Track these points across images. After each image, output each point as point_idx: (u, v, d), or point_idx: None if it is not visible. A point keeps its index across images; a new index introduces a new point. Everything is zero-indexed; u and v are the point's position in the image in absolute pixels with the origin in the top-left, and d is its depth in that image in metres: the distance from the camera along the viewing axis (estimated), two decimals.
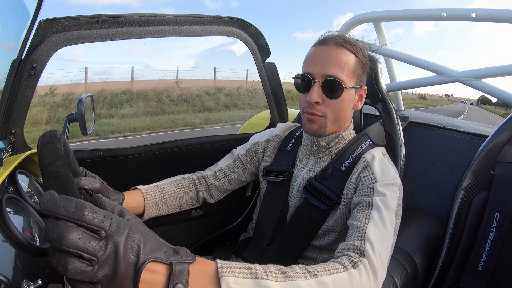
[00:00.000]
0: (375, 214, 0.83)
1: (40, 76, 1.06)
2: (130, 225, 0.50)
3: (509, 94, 1.54)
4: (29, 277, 0.68)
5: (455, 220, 1.23)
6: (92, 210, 0.46)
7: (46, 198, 0.45)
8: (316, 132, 1.01)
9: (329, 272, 0.67)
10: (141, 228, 0.52)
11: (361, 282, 0.69)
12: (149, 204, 1.06)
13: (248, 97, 14.31)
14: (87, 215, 0.45)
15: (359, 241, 0.77)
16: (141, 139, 8.05)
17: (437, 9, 1.64)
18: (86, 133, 1.13)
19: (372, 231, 0.79)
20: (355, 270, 0.70)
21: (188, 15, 1.30)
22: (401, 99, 2.16)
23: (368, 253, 0.74)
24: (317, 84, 0.96)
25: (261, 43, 1.51)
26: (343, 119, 1.02)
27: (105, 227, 0.47)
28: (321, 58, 0.97)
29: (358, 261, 0.72)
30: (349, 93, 0.98)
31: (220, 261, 0.58)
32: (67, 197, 0.46)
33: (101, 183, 0.92)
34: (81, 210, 0.45)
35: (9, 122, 1.05)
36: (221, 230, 1.58)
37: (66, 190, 0.60)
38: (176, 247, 0.55)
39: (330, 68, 0.94)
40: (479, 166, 1.24)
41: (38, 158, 0.69)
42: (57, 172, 0.64)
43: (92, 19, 1.12)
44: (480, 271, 1.21)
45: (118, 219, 0.49)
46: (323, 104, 0.97)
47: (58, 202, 0.45)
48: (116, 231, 0.48)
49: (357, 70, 0.98)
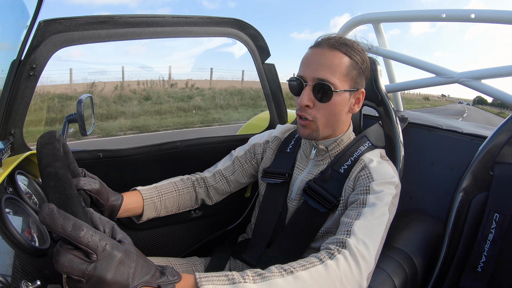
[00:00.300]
0: (367, 210, 0.84)
1: (40, 76, 1.06)
2: (124, 250, 0.53)
3: (508, 94, 1.55)
4: (28, 277, 0.68)
5: (454, 220, 1.23)
6: (89, 233, 0.49)
7: (44, 211, 0.47)
8: (309, 136, 1.01)
9: (305, 267, 0.69)
10: (132, 251, 0.55)
11: (340, 271, 0.70)
12: (148, 205, 1.06)
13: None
14: (83, 237, 0.48)
15: (343, 235, 0.78)
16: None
17: (437, 10, 1.64)
18: (86, 134, 1.13)
19: (358, 225, 0.80)
20: (332, 261, 0.71)
21: (187, 16, 1.30)
22: (400, 100, 2.16)
23: (349, 244, 0.75)
24: (308, 88, 0.95)
25: (261, 44, 1.51)
26: (336, 123, 1.01)
27: (98, 251, 0.49)
28: (313, 61, 0.96)
29: (335, 252, 0.73)
30: (341, 96, 0.96)
31: (198, 273, 0.61)
32: (65, 215, 0.48)
33: (100, 184, 0.92)
34: (77, 230, 0.48)
35: (8, 122, 1.05)
36: (220, 231, 1.58)
37: (64, 191, 0.60)
38: (162, 266, 0.59)
39: (321, 72, 0.93)
40: (478, 167, 1.24)
41: (37, 159, 0.69)
42: (56, 173, 0.64)
43: (92, 20, 1.12)
44: (479, 272, 1.21)
45: (112, 244, 0.51)
46: (314, 108, 0.96)
47: (56, 218, 0.47)
48: (108, 256, 0.50)
49: (351, 72, 0.96)
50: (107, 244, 0.50)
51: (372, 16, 1.86)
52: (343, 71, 0.94)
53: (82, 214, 0.58)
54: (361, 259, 0.73)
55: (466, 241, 1.23)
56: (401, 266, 1.18)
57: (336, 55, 0.94)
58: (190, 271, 1.16)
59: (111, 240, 0.51)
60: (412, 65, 1.81)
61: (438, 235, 1.33)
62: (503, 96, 1.55)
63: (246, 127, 1.95)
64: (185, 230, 1.47)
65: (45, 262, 0.77)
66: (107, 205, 0.93)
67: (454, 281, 1.24)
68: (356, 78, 0.97)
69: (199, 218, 1.48)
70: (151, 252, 1.39)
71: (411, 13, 1.74)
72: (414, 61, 1.80)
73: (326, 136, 1.03)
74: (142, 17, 1.20)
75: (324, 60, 0.94)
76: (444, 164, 1.66)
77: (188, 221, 1.46)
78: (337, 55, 0.94)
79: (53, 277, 0.78)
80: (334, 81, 0.93)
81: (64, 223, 0.47)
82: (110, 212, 0.96)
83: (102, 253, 0.50)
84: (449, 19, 1.60)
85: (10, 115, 1.04)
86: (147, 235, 1.38)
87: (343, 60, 0.94)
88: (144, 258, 0.56)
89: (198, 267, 1.18)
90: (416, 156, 1.73)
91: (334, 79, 0.93)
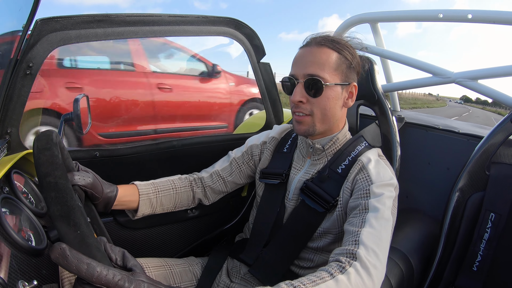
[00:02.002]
0: (371, 216, 0.84)
1: (36, 75, 1.06)
2: (135, 281, 0.55)
3: (504, 94, 1.56)
4: (25, 277, 0.68)
5: (450, 220, 1.24)
6: (102, 273, 0.51)
7: (57, 252, 0.49)
8: (305, 132, 1.01)
9: (316, 283, 0.68)
10: (143, 280, 0.57)
11: (352, 285, 0.70)
12: (144, 200, 1.06)
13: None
14: (97, 278, 0.51)
15: (352, 245, 0.78)
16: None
17: (434, 10, 1.65)
18: (82, 133, 1.12)
19: (366, 233, 0.80)
20: (343, 275, 0.71)
21: (183, 15, 1.30)
22: (397, 100, 2.17)
23: (360, 255, 0.75)
24: (299, 85, 0.97)
25: (256, 43, 1.51)
26: (332, 118, 1.01)
27: (111, 286, 0.52)
28: (302, 59, 0.98)
29: (347, 265, 0.73)
30: (333, 90, 0.97)
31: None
32: (78, 256, 0.50)
33: (94, 177, 0.93)
34: (92, 272, 0.50)
35: (4, 121, 1.05)
36: (217, 231, 1.58)
37: (66, 202, 0.60)
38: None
39: (310, 68, 0.95)
40: (474, 167, 1.25)
41: (35, 165, 0.68)
42: (56, 183, 0.63)
43: (89, 19, 1.11)
44: (475, 271, 1.21)
45: (124, 278, 0.54)
46: (308, 103, 0.98)
47: (70, 260, 0.49)
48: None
49: (341, 66, 0.98)
50: (119, 279, 0.53)
51: (370, 16, 1.87)
52: (332, 65, 0.96)
53: (85, 225, 0.58)
54: (373, 270, 0.74)
55: (462, 241, 1.24)
56: (397, 266, 1.19)
57: (323, 51, 0.96)
58: (187, 271, 1.16)
59: (122, 274, 0.54)
60: (409, 65, 1.82)
61: (434, 234, 1.34)
62: (500, 96, 1.56)
63: (242, 126, 1.95)
64: (181, 229, 1.47)
65: (42, 262, 0.77)
66: (101, 197, 0.94)
67: (450, 280, 1.25)
68: (346, 72, 0.99)
69: (196, 217, 1.48)
70: (148, 252, 1.39)
71: (408, 13, 1.74)
72: (411, 61, 1.80)
73: (322, 132, 1.04)
74: (139, 16, 1.20)
75: (312, 57, 0.96)
76: (441, 164, 1.67)
77: (184, 220, 1.46)
78: (325, 50, 0.96)
79: (50, 276, 0.78)
80: (324, 75, 0.95)
81: (78, 265, 0.49)
82: (105, 204, 0.97)
83: (115, 287, 0.52)
84: (446, 19, 1.61)
85: (6, 114, 1.04)
86: (144, 235, 1.38)
87: (331, 55, 0.96)
88: (155, 284, 0.58)
89: (195, 267, 1.18)
90: (413, 155, 1.74)
91: (324, 73, 0.95)
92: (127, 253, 0.63)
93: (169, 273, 1.12)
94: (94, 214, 0.93)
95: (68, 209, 0.59)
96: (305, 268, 1.05)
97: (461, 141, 1.61)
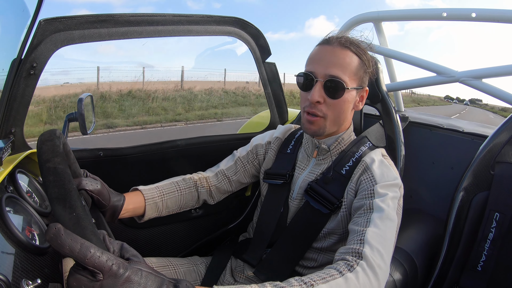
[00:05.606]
0: (376, 216, 0.84)
1: (40, 75, 1.06)
2: (131, 268, 0.52)
3: (508, 93, 1.55)
4: (29, 276, 0.68)
5: (454, 220, 1.23)
6: (96, 254, 0.49)
7: (51, 231, 0.47)
8: (315, 132, 1.01)
9: (325, 280, 0.68)
10: (141, 268, 0.54)
11: (360, 284, 0.70)
12: (150, 205, 1.05)
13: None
14: (90, 259, 0.48)
15: (357, 245, 0.78)
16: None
17: (438, 9, 1.64)
18: (86, 133, 1.13)
19: (371, 233, 0.80)
20: (351, 273, 0.71)
21: (188, 15, 1.30)
22: (401, 99, 2.16)
23: (365, 254, 0.75)
24: (319, 84, 0.95)
25: (262, 43, 1.51)
26: (343, 120, 1.02)
27: (105, 270, 0.49)
28: (324, 57, 0.96)
29: (354, 264, 0.73)
30: (350, 94, 0.97)
31: (216, 286, 0.61)
32: (72, 236, 0.48)
33: (102, 185, 0.92)
34: (85, 252, 0.48)
35: (8, 121, 1.05)
36: (220, 230, 1.58)
37: (64, 185, 0.60)
38: (176, 280, 0.57)
39: (333, 69, 0.94)
40: (479, 166, 1.24)
41: (37, 155, 0.69)
42: (55, 168, 0.64)
43: (92, 19, 1.12)
44: (479, 271, 1.20)
45: (119, 263, 0.51)
46: (324, 104, 0.97)
47: (63, 239, 0.47)
48: (114, 275, 0.50)
49: (360, 71, 0.98)
50: (114, 263, 0.50)
51: (373, 15, 1.86)
52: (353, 70, 0.96)
53: (81, 208, 0.58)
54: (378, 269, 0.74)
55: (466, 241, 1.23)
56: (401, 265, 1.19)
57: (347, 54, 0.96)
58: (191, 271, 1.16)
59: (117, 260, 0.52)
60: (413, 64, 1.81)
61: (438, 234, 1.33)
62: (504, 95, 1.55)
63: (247, 125, 1.95)
64: (185, 229, 1.47)
65: (45, 261, 0.77)
66: (108, 206, 0.93)
67: (454, 280, 1.24)
68: (362, 77, 0.99)
69: (200, 217, 1.48)
70: (152, 252, 1.39)
71: (412, 12, 1.74)
72: (415, 60, 1.80)
73: (331, 133, 1.04)
74: (143, 15, 1.20)
75: (335, 58, 0.95)
76: (445, 163, 1.66)
77: (188, 220, 1.46)
78: (348, 53, 0.96)
79: (54, 275, 0.78)
80: (345, 79, 0.94)
81: (71, 245, 0.47)
82: (112, 213, 0.95)
83: (108, 272, 0.50)
84: (450, 18, 1.60)
85: (10, 114, 1.04)
86: (148, 234, 1.38)
87: (353, 59, 0.96)
88: (155, 274, 0.56)
89: (199, 267, 1.18)
90: (417, 155, 1.73)
91: (345, 77, 0.94)
92: (126, 245, 0.60)
93: (173, 273, 1.12)
94: (101, 219, 0.92)
95: (65, 191, 0.59)
96: (308, 268, 1.05)
97: (466, 140, 1.60)
